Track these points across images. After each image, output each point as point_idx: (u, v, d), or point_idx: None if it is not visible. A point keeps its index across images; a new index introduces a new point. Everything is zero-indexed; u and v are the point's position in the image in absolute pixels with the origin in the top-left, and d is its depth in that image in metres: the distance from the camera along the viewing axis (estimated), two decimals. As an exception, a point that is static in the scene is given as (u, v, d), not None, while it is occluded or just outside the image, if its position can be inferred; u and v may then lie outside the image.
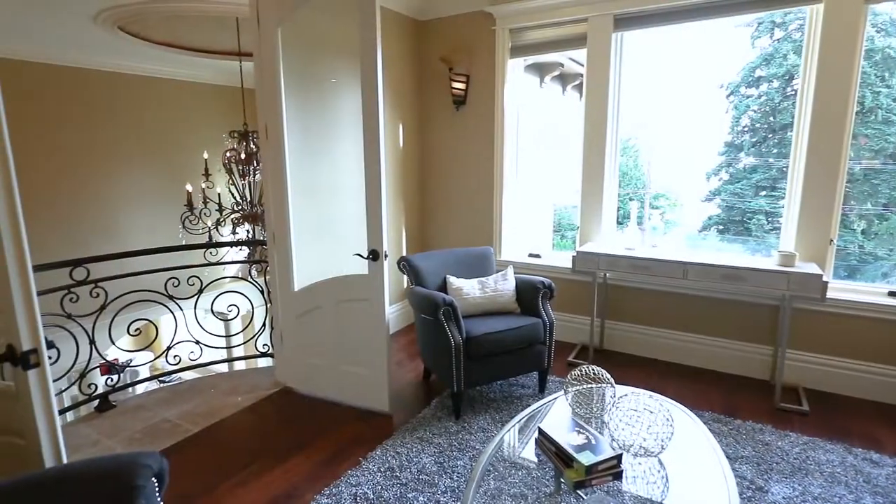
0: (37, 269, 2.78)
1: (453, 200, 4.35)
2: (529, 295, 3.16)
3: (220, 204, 5.42)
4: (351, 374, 3.04)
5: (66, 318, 2.81)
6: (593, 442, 1.68)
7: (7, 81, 4.98)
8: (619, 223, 3.96)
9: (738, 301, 3.38)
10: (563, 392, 2.10)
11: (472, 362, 2.85)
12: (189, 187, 5.54)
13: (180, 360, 3.38)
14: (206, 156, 5.51)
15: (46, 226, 5.33)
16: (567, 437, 1.72)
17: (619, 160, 3.71)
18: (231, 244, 3.60)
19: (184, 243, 4.91)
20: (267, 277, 3.50)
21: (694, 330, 3.56)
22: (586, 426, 1.80)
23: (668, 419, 1.72)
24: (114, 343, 3.05)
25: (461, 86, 4.01)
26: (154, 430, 2.83)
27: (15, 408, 1.52)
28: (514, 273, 3.39)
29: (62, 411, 2.91)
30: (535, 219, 5.72)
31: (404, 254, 4.36)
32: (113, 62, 5.79)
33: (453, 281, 3.24)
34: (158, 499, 1.40)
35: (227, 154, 5.41)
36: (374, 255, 2.78)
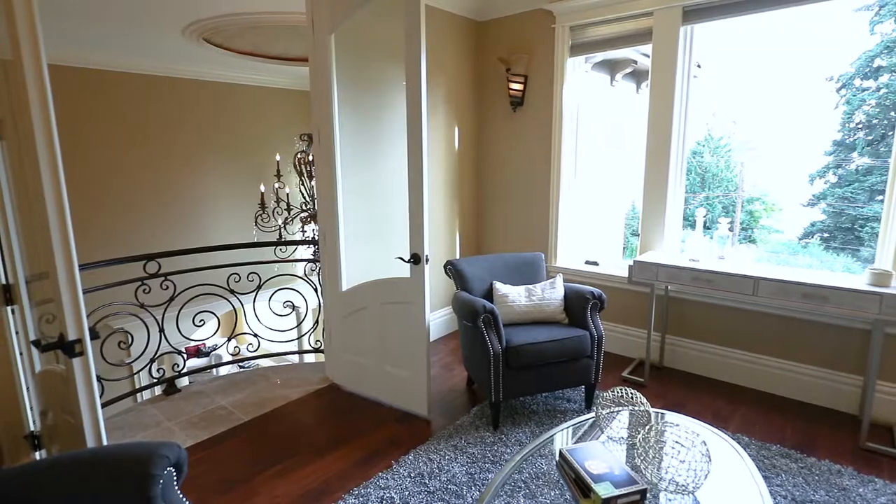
0: (115, 261, 3.07)
1: (509, 204, 4.26)
2: (578, 305, 3.01)
3: (288, 203, 5.72)
4: (393, 375, 3.07)
5: (139, 308, 3.08)
6: (616, 472, 1.56)
7: (105, 91, 5.60)
8: (705, 229, 3.67)
9: (822, 322, 3.00)
10: (594, 414, 1.97)
11: (512, 372, 2.77)
12: (262, 187, 5.90)
13: (239, 350, 3.59)
14: (278, 157, 5.83)
15: (134, 221, 5.90)
16: (589, 464, 1.60)
17: (685, 163, 3.43)
18: (283, 243, 3.76)
19: (255, 240, 5.24)
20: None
21: (768, 352, 3.22)
22: (613, 453, 1.67)
23: (704, 454, 1.55)
24: (180, 332, 3.30)
25: (518, 87, 3.91)
26: (210, 416, 3.02)
27: (68, 390, 1.67)
28: (564, 282, 3.25)
29: (136, 391, 3.19)
30: (600, 224, 5.46)
31: (458, 257, 4.33)
32: (197, 70, 6.29)
33: (499, 287, 3.16)
34: (176, 488, 1.48)
35: (297, 156, 5.70)
36: (416, 259, 2.78)
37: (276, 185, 5.85)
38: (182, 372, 3.38)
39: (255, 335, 3.59)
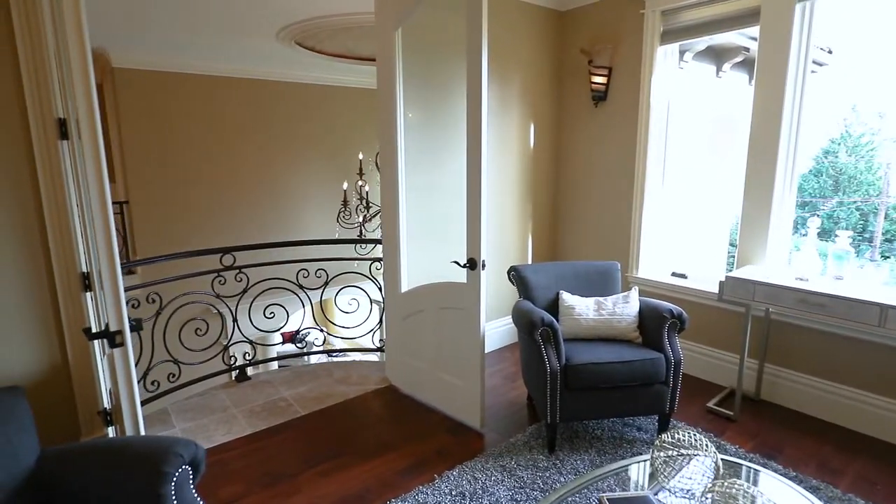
0: (196, 253, 3.27)
1: (588, 207, 3.95)
2: (654, 323, 2.68)
3: (368, 201, 5.83)
4: (447, 383, 2.96)
5: (215, 298, 3.27)
6: (664, 534, 1.30)
7: (204, 94, 6.10)
8: (826, 240, 3.14)
9: (976, 366, 2.40)
10: (648, 457, 1.70)
11: (571, 393, 2.52)
12: (345, 185, 6.07)
13: (306, 345, 3.69)
14: (360, 156, 5.97)
15: (228, 215, 6.38)
16: (633, 519, 1.37)
17: (796, 165, 2.92)
18: (344, 241, 3.79)
19: (336, 237, 5.41)
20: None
21: (898, 395, 2.64)
22: (666, 508, 1.41)
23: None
24: (252, 322, 3.46)
25: (602, 79, 3.59)
26: (271, 407, 3.13)
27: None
28: (644, 295, 2.92)
29: (210, 376, 3.38)
30: (697, 232, 4.90)
31: (529, 262, 4.11)
32: (290, 73, 6.65)
33: (566, 298, 2.92)
34: (191, 486, 1.48)
35: (378, 154, 5.79)
36: (472, 264, 2.64)
37: (359, 183, 6.00)
38: (277, 356, 3.54)
39: (322, 330, 3.67)
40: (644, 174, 3.52)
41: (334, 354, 5.70)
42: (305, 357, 6.03)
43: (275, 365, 5.31)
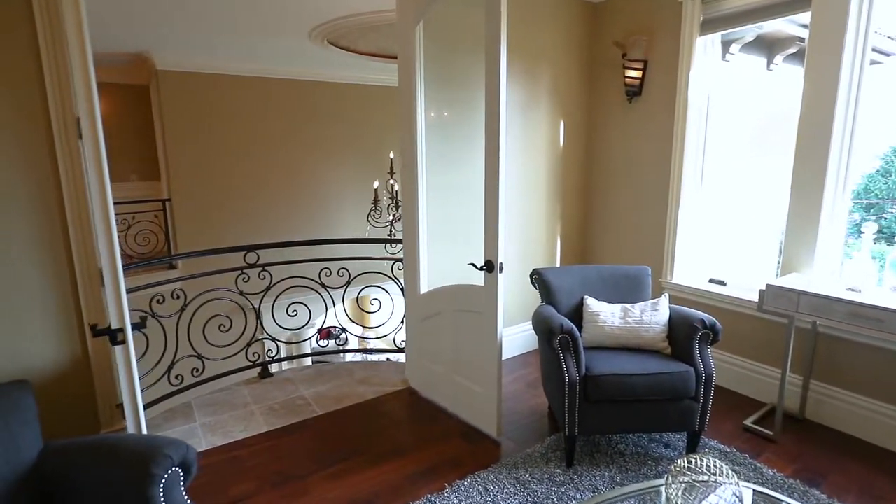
0: (222, 251, 3.32)
1: (620, 208, 3.77)
2: (684, 334, 2.50)
3: (397, 200, 5.81)
4: (464, 388, 2.88)
5: (238, 295, 3.31)
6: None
7: (240, 95, 6.24)
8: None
9: None
10: (664, 483, 1.56)
11: (591, 405, 2.39)
12: (376, 184, 6.08)
13: (328, 343, 3.69)
14: (391, 155, 5.96)
15: (265, 211, 6.52)
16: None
17: (851, 164, 2.66)
18: (365, 241, 3.76)
19: (367, 236, 5.42)
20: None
21: (966, 422, 2.36)
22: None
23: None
24: (275, 320, 3.49)
25: (636, 73, 3.41)
26: (289, 405, 3.13)
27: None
28: (676, 303, 2.74)
29: (232, 372, 3.43)
30: (741, 237, 4.60)
31: (558, 265, 3.97)
32: (324, 72, 6.72)
33: (591, 304, 2.77)
34: (182, 488, 1.47)
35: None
36: (489, 267, 2.55)
37: (390, 182, 5.99)
38: (275, 357, 3.57)
39: (344, 329, 3.66)
40: (681, 173, 3.31)
41: (357, 354, 5.75)
42: (341, 354, 6.10)
43: (308, 360, 5.40)
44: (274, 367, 3.58)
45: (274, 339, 3.52)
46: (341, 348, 3.97)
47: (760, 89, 4.40)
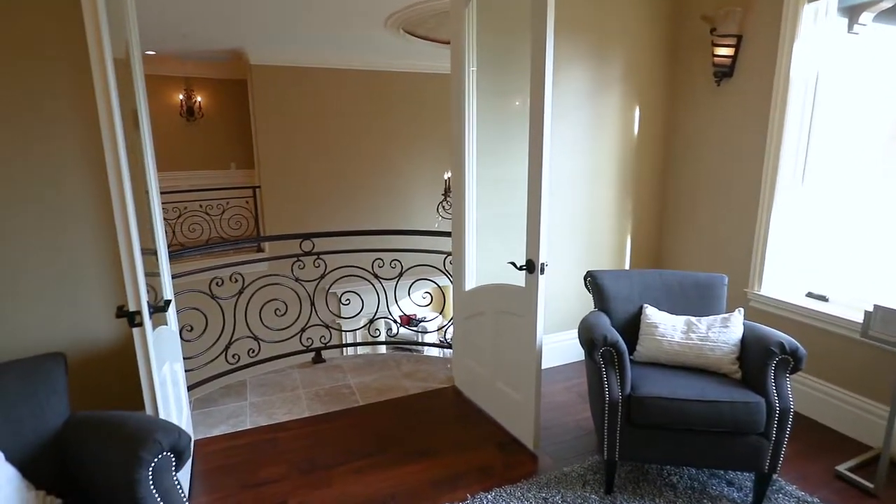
0: (279, 238, 3.44)
1: (701, 206, 3.32)
2: (757, 357, 2.12)
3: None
4: (503, 393, 2.71)
5: (293, 281, 3.41)
6: None
7: (322, 86, 6.46)
8: None
9: None
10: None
11: (635, 430, 2.11)
12: (447, 175, 6.00)
13: (380, 333, 3.69)
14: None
15: (345, 200, 6.73)
16: None
17: None
18: (415, 232, 3.65)
19: (437, 227, 5.38)
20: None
21: None
22: None
23: None
24: (328, 307, 3.55)
25: (727, 51, 2.95)
26: (334, 392, 3.18)
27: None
28: (759, 318, 2.35)
29: (289, 354, 3.55)
30: (852, 244, 3.86)
31: (627, 268, 3.61)
32: (402, 62, 6.75)
33: (650, 313, 2.47)
34: (173, 474, 1.49)
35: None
36: (530, 267, 2.35)
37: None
38: (329, 344, 3.64)
39: (396, 321, 3.64)
40: (776, 168, 2.83)
41: (404, 347, 5.75)
42: (423, 347, 6.16)
43: (382, 349, 5.51)
44: (335, 353, 3.66)
45: (327, 326, 3.58)
46: (417, 331, 3.96)
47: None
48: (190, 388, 3.05)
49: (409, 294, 3.63)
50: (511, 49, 2.85)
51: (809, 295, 2.85)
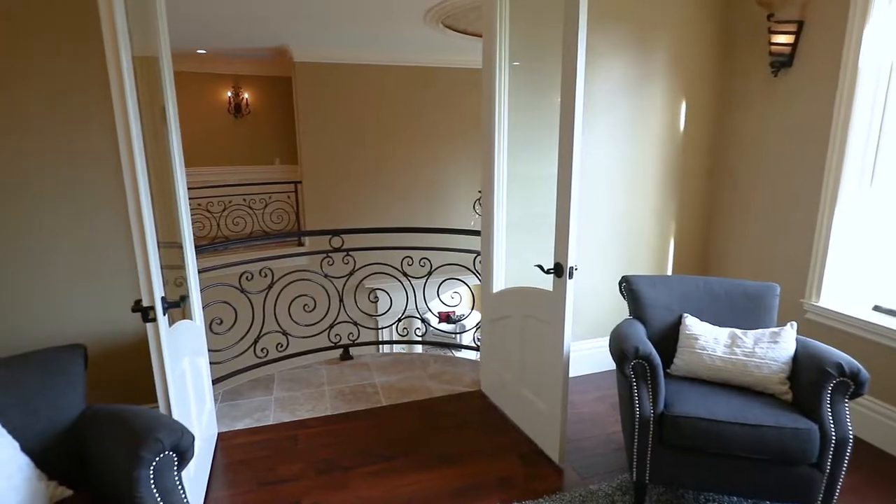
0: (310, 233, 3.44)
1: (754, 210, 3.06)
2: (811, 378, 1.91)
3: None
4: (529, 402, 2.59)
5: (323, 277, 3.41)
6: None
7: (362, 82, 6.47)
8: None
9: None
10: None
11: (668, 451, 1.95)
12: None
13: (408, 332, 3.64)
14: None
15: (384, 196, 6.74)
16: None
17: None
18: (444, 231, 3.55)
19: (473, 225, 5.28)
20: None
21: None
22: None
23: None
24: (357, 304, 3.53)
25: (786, 38, 2.69)
26: (358, 391, 3.14)
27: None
28: (814, 334, 2.13)
29: (316, 350, 3.55)
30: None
31: (669, 273, 3.39)
32: (441, 57, 6.67)
33: (690, 324, 2.28)
34: (174, 474, 1.47)
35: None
36: (558, 271, 2.22)
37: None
38: (357, 341, 3.62)
39: (423, 320, 3.57)
40: (840, 168, 2.55)
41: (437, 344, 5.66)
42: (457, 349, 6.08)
43: (418, 348, 5.47)
44: (363, 350, 3.64)
45: (356, 324, 3.56)
46: (455, 332, 3.90)
47: None
48: (219, 381, 3.10)
49: (437, 294, 3.55)
50: (545, 41, 2.71)
51: (877, 308, 2.56)
